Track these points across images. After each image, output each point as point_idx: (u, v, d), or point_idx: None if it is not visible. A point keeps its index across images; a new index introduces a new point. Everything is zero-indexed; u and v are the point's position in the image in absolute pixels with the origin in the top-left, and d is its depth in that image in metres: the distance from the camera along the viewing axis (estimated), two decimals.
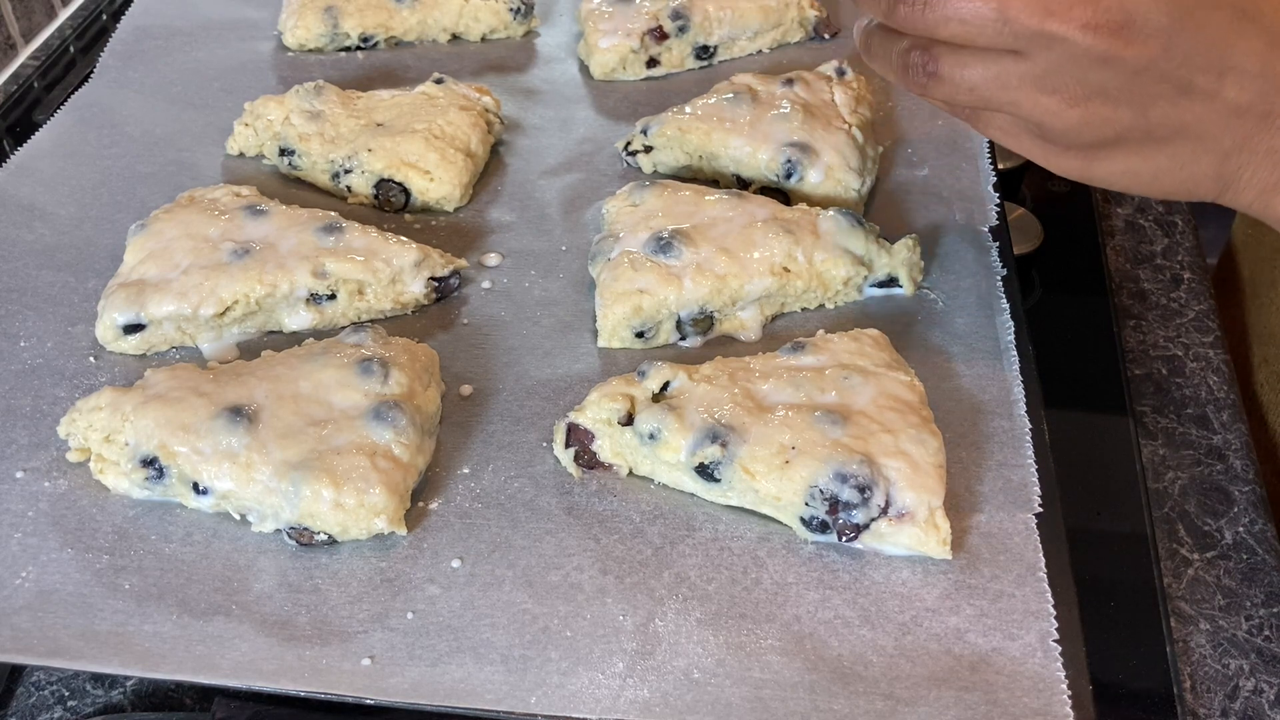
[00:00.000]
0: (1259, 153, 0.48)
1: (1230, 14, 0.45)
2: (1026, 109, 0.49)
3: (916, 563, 0.57)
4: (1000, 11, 0.45)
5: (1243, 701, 0.57)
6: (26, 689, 0.57)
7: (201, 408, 0.59)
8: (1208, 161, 0.49)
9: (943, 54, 0.48)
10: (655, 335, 0.69)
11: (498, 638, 0.54)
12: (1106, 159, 0.50)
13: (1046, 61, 0.46)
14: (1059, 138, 0.50)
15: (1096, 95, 0.47)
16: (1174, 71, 0.46)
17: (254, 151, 0.84)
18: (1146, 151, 0.49)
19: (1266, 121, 0.47)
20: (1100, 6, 0.45)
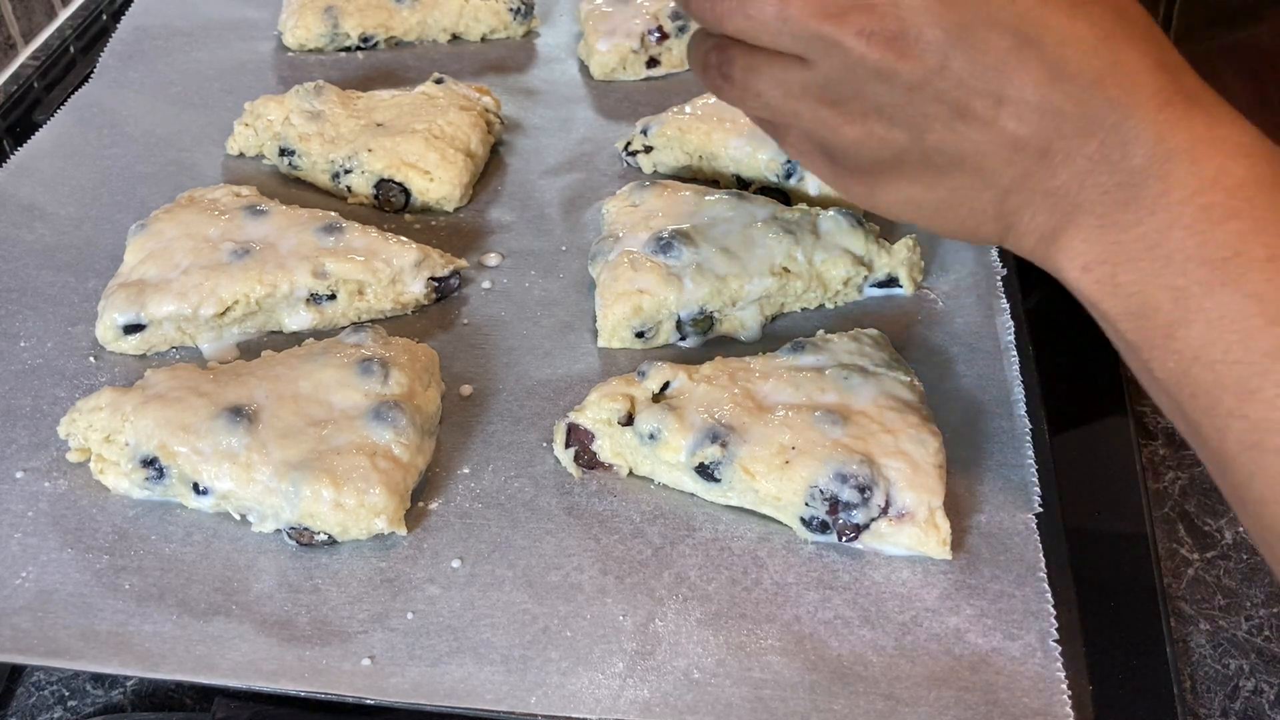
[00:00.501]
0: (1037, 193, 0.45)
1: (1012, 39, 0.42)
2: (808, 121, 0.47)
3: (916, 563, 0.57)
4: (780, 9, 0.44)
5: (1243, 701, 0.57)
6: (26, 689, 0.57)
7: (201, 408, 0.59)
8: (987, 198, 0.46)
9: (737, 56, 0.47)
10: (655, 335, 0.70)
11: (498, 638, 0.54)
12: (890, 186, 0.47)
13: (828, 70, 0.44)
14: (841, 157, 0.48)
15: (873, 112, 0.45)
16: (950, 92, 0.43)
17: (254, 151, 0.84)
18: (927, 180, 0.46)
19: (1044, 159, 0.44)
20: (876, 14, 0.42)
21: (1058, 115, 0.43)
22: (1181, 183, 0.42)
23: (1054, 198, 0.44)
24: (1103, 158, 0.43)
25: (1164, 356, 0.43)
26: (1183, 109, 0.42)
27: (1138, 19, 0.44)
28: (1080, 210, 0.44)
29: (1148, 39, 0.43)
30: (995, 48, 0.42)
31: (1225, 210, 0.41)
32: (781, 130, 0.49)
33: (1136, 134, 0.42)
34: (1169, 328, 0.42)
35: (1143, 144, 0.42)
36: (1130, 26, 0.43)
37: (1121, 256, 0.43)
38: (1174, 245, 0.42)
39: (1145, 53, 0.43)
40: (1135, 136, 0.42)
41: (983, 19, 0.42)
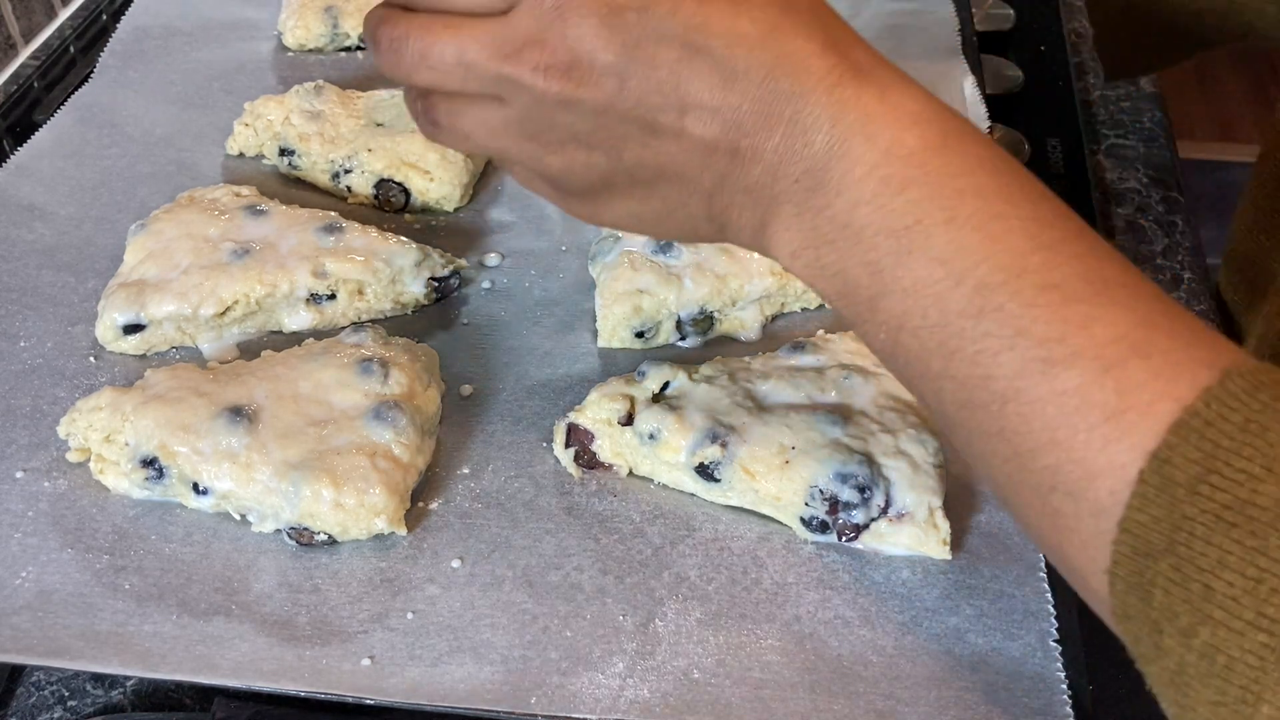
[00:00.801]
0: (738, 191, 0.45)
1: (680, 49, 0.43)
2: (515, 155, 0.48)
3: (916, 563, 0.57)
4: (459, 55, 0.44)
5: None
6: (26, 689, 0.57)
7: (201, 408, 0.59)
8: (696, 203, 0.47)
9: (438, 102, 0.47)
10: (655, 335, 0.70)
11: (498, 638, 0.54)
12: (608, 204, 0.48)
13: (520, 107, 0.45)
14: (557, 183, 0.48)
15: (570, 140, 0.46)
16: (634, 110, 0.44)
17: (254, 151, 0.84)
18: (639, 194, 0.47)
19: (737, 159, 0.44)
20: (548, 49, 0.43)
21: (737, 115, 0.43)
22: (860, 159, 0.43)
23: (753, 193, 0.45)
24: (787, 148, 0.44)
25: (874, 329, 0.44)
26: (853, 87, 0.43)
27: (801, 3, 0.45)
28: (778, 201, 0.45)
29: (813, 23, 0.44)
30: (666, 60, 0.43)
31: (901, 180, 0.42)
32: (502, 161, 0.50)
33: (813, 120, 0.43)
34: (871, 301, 0.43)
35: (820, 129, 0.43)
36: (794, 13, 0.44)
37: (820, 239, 0.44)
38: (862, 221, 0.43)
39: (810, 38, 0.43)
40: (812, 123, 0.43)
41: (649, 35, 0.43)
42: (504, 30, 0.44)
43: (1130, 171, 0.91)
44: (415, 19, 0.46)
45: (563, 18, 0.43)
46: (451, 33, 0.45)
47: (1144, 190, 0.89)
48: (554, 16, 0.43)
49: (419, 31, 0.45)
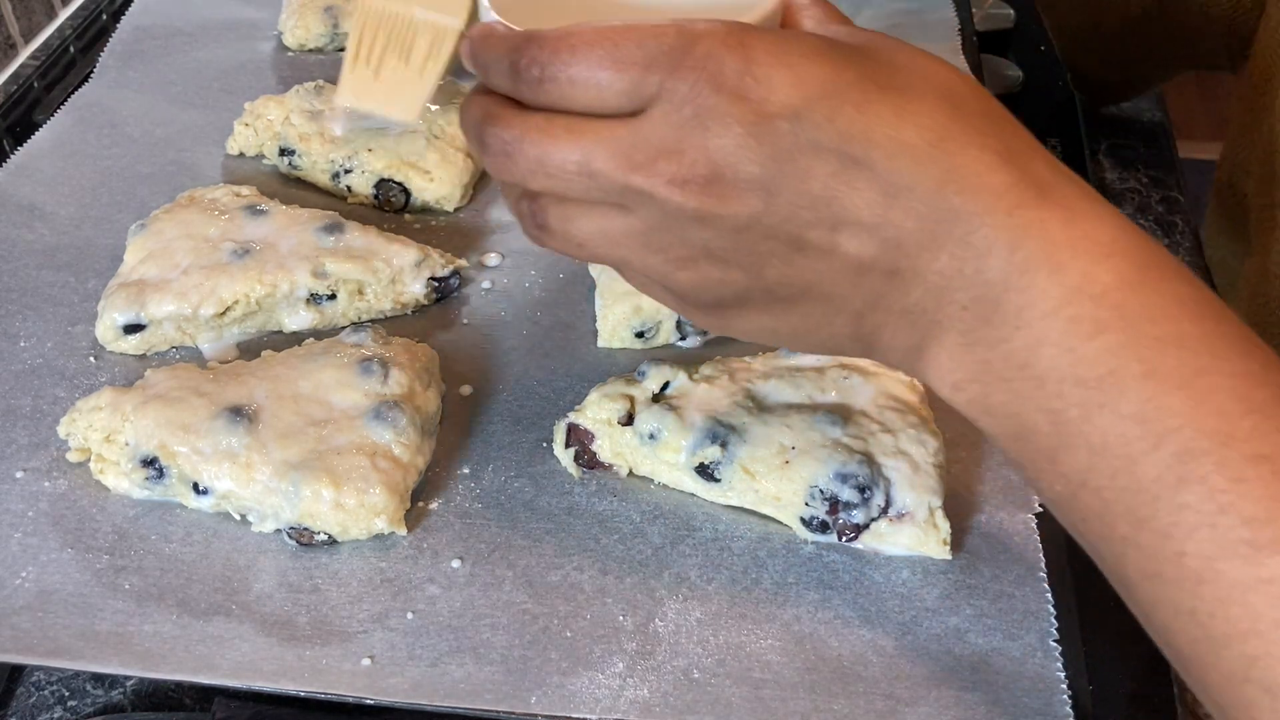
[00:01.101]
0: (892, 312, 0.41)
1: (837, 161, 0.38)
2: (637, 266, 0.43)
3: (916, 563, 0.57)
4: (583, 165, 0.40)
5: None
6: (26, 689, 0.57)
7: (201, 408, 0.59)
8: (842, 321, 0.42)
9: (549, 205, 0.43)
10: (655, 335, 0.70)
11: (498, 638, 0.54)
12: (739, 318, 0.44)
13: (647, 219, 0.41)
14: (683, 296, 0.44)
15: (703, 256, 0.41)
16: (780, 227, 0.40)
17: (254, 151, 0.84)
18: (777, 310, 0.43)
19: (894, 279, 0.40)
20: (685, 160, 0.39)
21: (899, 234, 0.39)
22: (1044, 294, 0.39)
23: (911, 316, 0.41)
24: (955, 272, 0.40)
25: (1050, 480, 0.41)
26: (1035, 209, 0.39)
27: (973, 105, 0.41)
28: (940, 327, 0.41)
29: (987, 129, 0.40)
30: (820, 174, 0.39)
31: (1094, 323, 0.38)
32: (618, 269, 0.45)
33: (987, 244, 0.39)
34: (1051, 452, 0.40)
35: (996, 254, 0.39)
36: (965, 118, 0.40)
37: (991, 376, 0.40)
38: (1045, 365, 0.39)
39: (985, 147, 0.39)
40: (987, 247, 0.39)
41: (803, 146, 0.39)
42: (634, 137, 0.40)
43: (1130, 171, 0.91)
44: (530, 120, 0.41)
45: (703, 126, 0.39)
46: (574, 138, 0.40)
47: (1144, 190, 0.89)
48: (693, 124, 0.39)
49: (536, 135, 0.41)
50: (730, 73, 0.38)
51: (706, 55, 0.38)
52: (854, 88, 0.39)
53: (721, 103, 0.38)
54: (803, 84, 0.38)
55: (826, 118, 0.38)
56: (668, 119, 0.39)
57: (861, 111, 0.39)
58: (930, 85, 0.40)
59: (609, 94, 0.39)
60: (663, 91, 0.39)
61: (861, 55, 0.40)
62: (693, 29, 0.39)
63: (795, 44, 0.39)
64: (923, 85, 0.40)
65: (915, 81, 0.40)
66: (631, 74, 0.39)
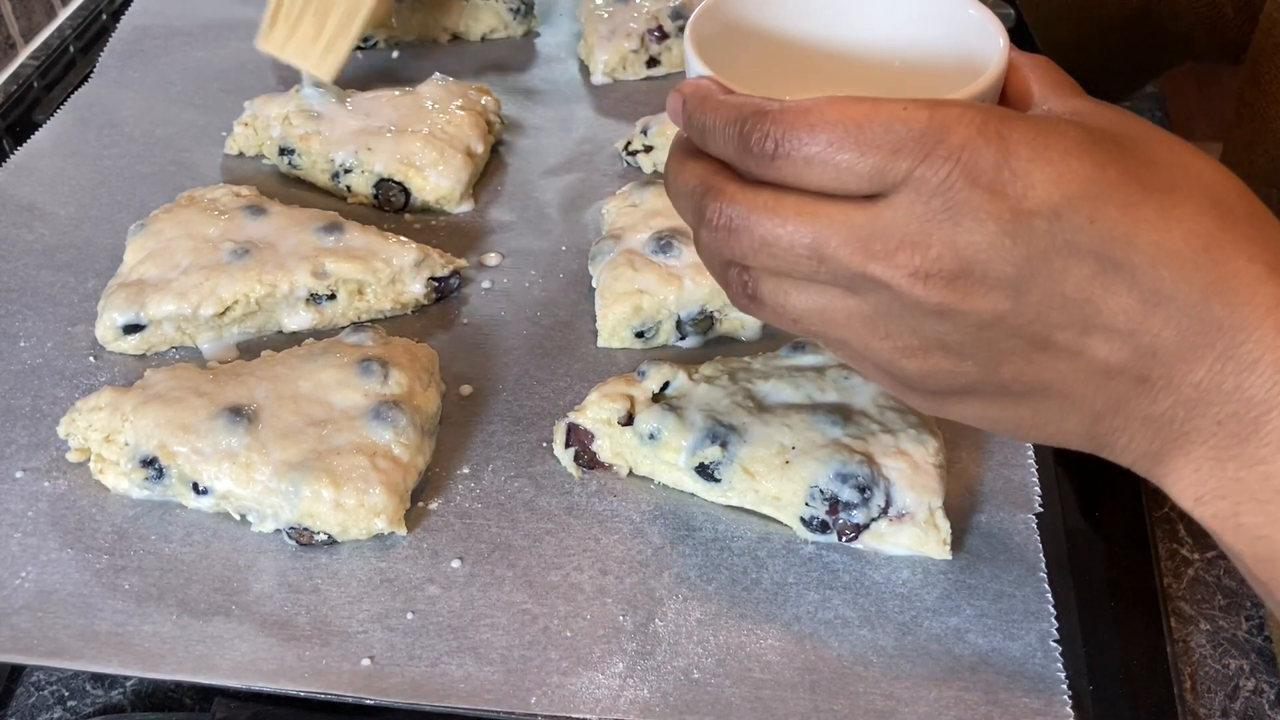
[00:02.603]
0: (1135, 418, 0.40)
1: (1095, 264, 0.37)
2: (859, 349, 0.41)
3: (916, 563, 0.57)
4: (816, 249, 0.38)
5: (1243, 701, 0.57)
6: (26, 689, 0.57)
7: (201, 408, 0.59)
8: (1076, 421, 0.41)
9: (764, 278, 0.41)
10: (655, 335, 0.70)
11: (498, 638, 0.54)
12: (961, 405, 0.42)
13: (876, 304, 0.39)
14: (906, 383, 0.42)
15: (936, 348, 0.40)
16: (1026, 328, 0.38)
17: (254, 151, 0.84)
18: (1004, 403, 0.41)
19: (1143, 387, 0.39)
20: (931, 254, 0.37)
21: (1155, 342, 0.38)
22: None
23: (1156, 424, 0.40)
24: (1213, 386, 0.38)
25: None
26: None
27: (1240, 210, 0.39)
28: (1189, 438, 0.39)
29: (1255, 237, 0.38)
30: (1076, 276, 0.37)
31: None
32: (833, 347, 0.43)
33: (1252, 360, 0.37)
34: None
35: (1260, 371, 0.37)
36: (1233, 225, 0.38)
37: (1244, 495, 0.39)
38: None
39: (1254, 257, 0.37)
40: (1251, 363, 0.37)
41: (1060, 246, 0.37)
42: (874, 225, 0.38)
43: None
44: (757, 197, 0.39)
45: (954, 220, 0.37)
46: (806, 220, 0.39)
47: None
48: (944, 217, 0.37)
49: (764, 213, 0.39)
50: (987, 165, 0.36)
51: (962, 145, 0.37)
52: (1118, 188, 0.37)
53: (975, 197, 0.37)
54: (1063, 181, 0.37)
55: (1089, 219, 0.37)
56: (913, 209, 0.37)
57: (1125, 214, 0.37)
58: (1196, 186, 0.38)
59: (849, 176, 0.38)
60: (910, 180, 0.37)
61: (1122, 149, 0.38)
62: (945, 114, 0.37)
63: (1056, 137, 0.37)
64: (1188, 185, 0.38)
65: (1180, 181, 0.38)
66: (876, 159, 0.37)
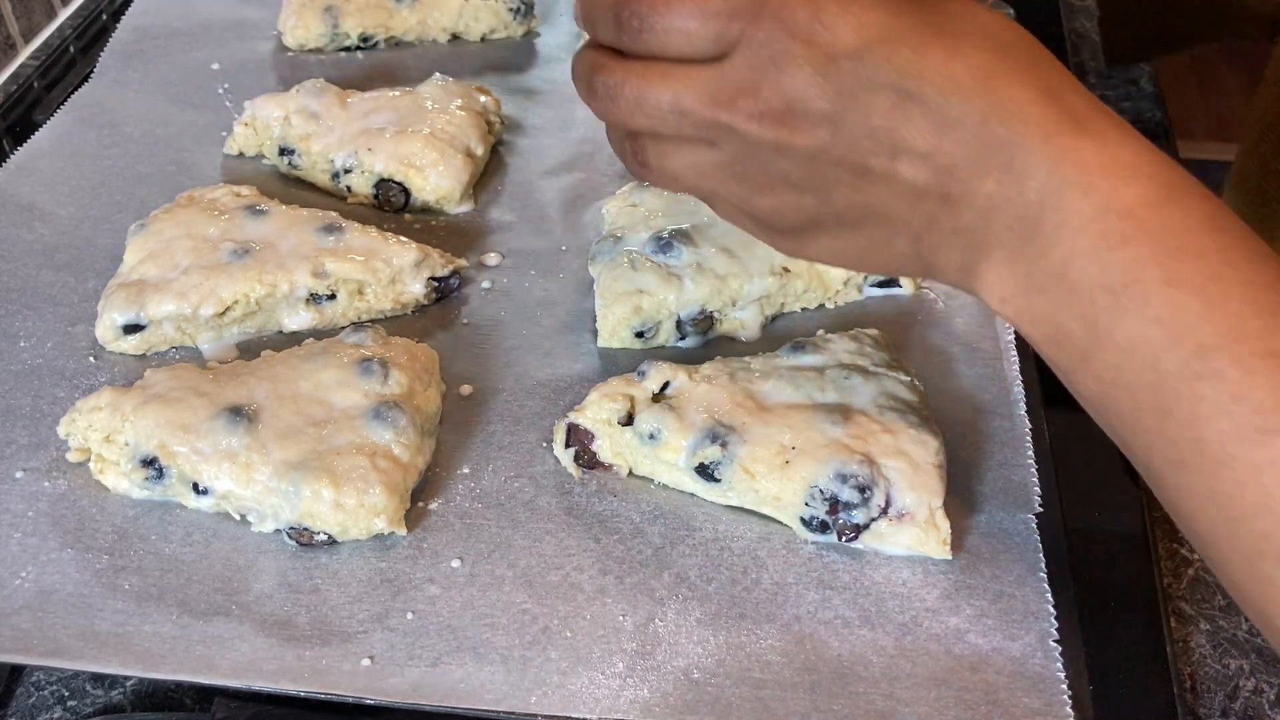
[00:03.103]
0: (947, 233, 0.46)
1: (894, 96, 0.43)
2: (725, 195, 0.49)
3: (916, 563, 0.57)
4: (676, 104, 0.46)
5: (1243, 701, 0.57)
6: (26, 689, 0.57)
7: (201, 408, 0.59)
8: (902, 242, 0.48)
9: (648, 144, 0.48)
10: (655, 335, 0.70)
11: (498, 638, 0.54)
12: (813, 241, 0.49)
13: (732, 151, 0.47)
14: (764, 221, 0.50)
15: (780, 184, 0.47)
16: (846, 156, 0.45)
17: (254, 151, 0.84)
18: (845, 234, 0.48)
19: (948, 203, 0.45)
20: (761, 96, 0.44)
21: (950, 161, 0.44)
22: (1076, 211, 0.43)
23: (963, 236, 0.46)
24: (1001, 195, 0.44)
25: (1084, 379, 0.45)
26: (1070, 136, 0.43)
27: (1018, 48, 0.45)
28: (989, 246, 0.46)
29: (1028, 68, 0.44)
30: (880, 108, 0.44)
31: (1120, 236, 0.42)
32: (708, 199, 0.51)
33: (1028, 169, 0.43)
34: (1084, 353, 0.44)
35: (1035, 177, 0.43)
36: (1010, 59, 0.44)
37: (1032, 287, 0.45)
38: (1077, 275, 0.43)
39: (1027, 84, 0.44)
40: (1027, 171, 0.43)
41: (863, 83, 0.43)
42: (718, 78, 0.45)
43: None
44: (631, 66, 0.46)
45: (778, 66, 0.44)
46: (667, 80, 0.46)
47: None
48: (769, 65, 0.44)
49: (635, 79, 0.46)
50: (802, 20, 0.43)
51: (781, 5, 0.43)
52: (911, 33, 0.43)
53: (794, 47, 0.43)
54: (864, 30, 0.43)
55: (885, 58, 0.43)
56: (747, 62, 0.44)
57: (917, 53, 0.43)
58: (980, 31, 0.44)
59: (698, 41, 0.45)
60: (743, 38, 0.44)
61: (918, 4, 0.45)
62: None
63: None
64: (973, 31, 0.44)
65: (966, 29, 0.44)
66: (717, 24, 0.44)
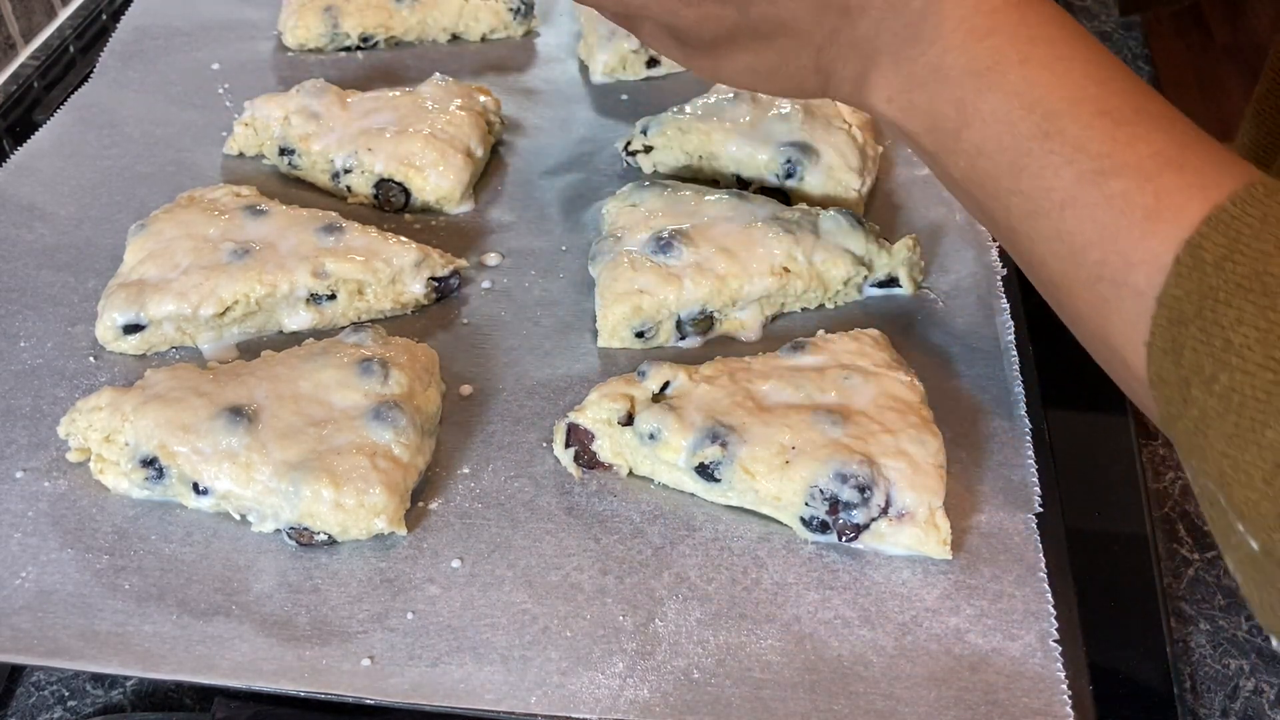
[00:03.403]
0: (845, 45, 0.53)
1: None
2: (655, 11, 0.56)
3: (916, 563, 0.57)
4: None
5: (1243, 701, 0.57)
6: (26, 689, 0.57)
7: (201, 408, 0.59)
8: (806, 55, 0.55)
9: None
10: (655, 335, 0.70)
11: (498, 638, 0.54)
12: (729, 58, 0.57)
13: None
14: (686, 38, 0.57)
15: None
16: None
17: (254, 151, 0.84)
18: (757, 48, 0.55)
19: (846, 15, 0.52)
20: None
21: None
22: (950, 14, 0.51)
23: (858, 47, 0.53)
24: (889, 6, 0.52)
25: (955, 157, 0.52)
26: None
27: None
28: (879, 53, 0.53)
29: None
30: None
31: (985, 30, 0.50)
32: (636, 24, 0.59)
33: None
34: (955, 132, 0.51)
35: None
36: None
37: (913, 83, 0.52)
38: (949, 65, 0.51)
39: None
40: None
41: None
42: None
43: None
44: None
45: None
46: None
47: None
48: None
49: None
50: None
51: None
52: None
53: None
54: None
55: None
56: None
57: None
58: None
59: None
60: None
61: None
62: None
63: None
64: None
65: None
66: None
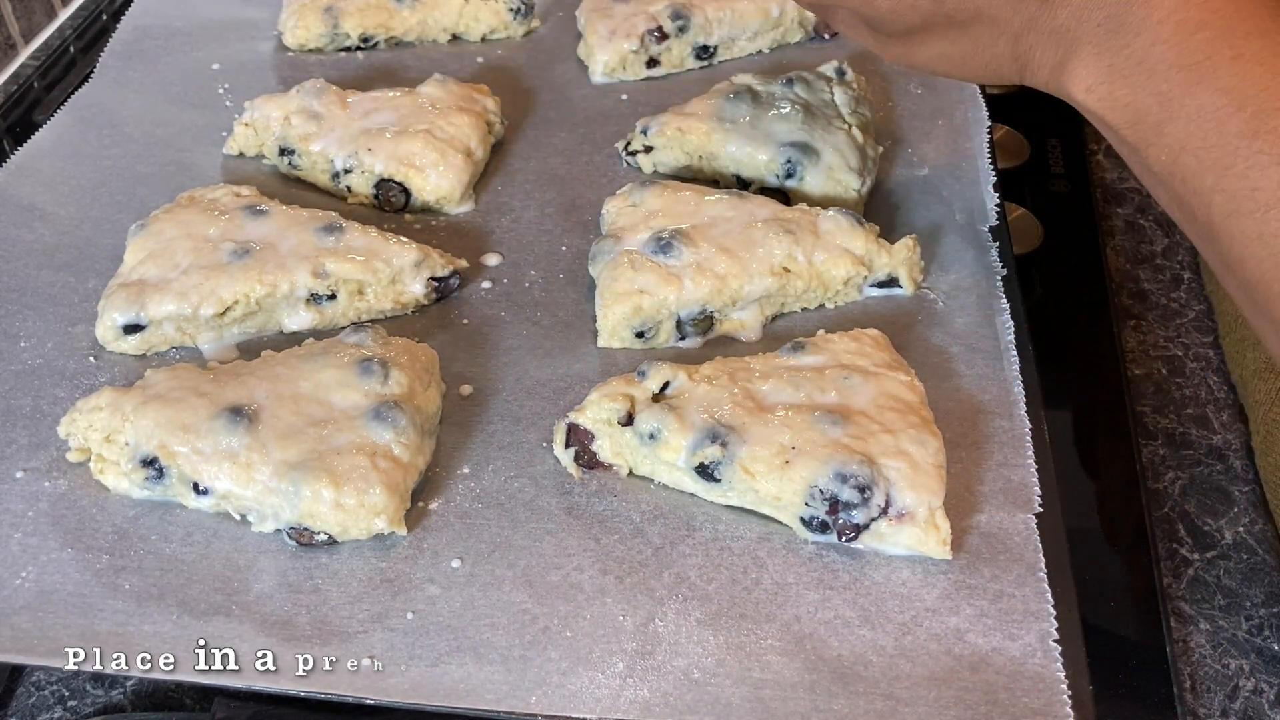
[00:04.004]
0: (1044, 33, 0.54)
1: None
2: (852, 2, 0.58)
3: (916, 563, 0.57)
4: None
5: (1243, 701, 0.57)
6: (26, 689, 0.57)
7: (201, 408, 0.59)
8: (1003, 43, 0.56)
9: None
10: (655, 335, 0.70)
11: (498, 638, 0.54)
12: (923, 45, 0.58)
13: None
14: (881, 26, 0.58)
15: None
16: None
17: (254, 151, 0.84)
18: (952, 35, 0.57)
19: (1047, 4, 0.53)
20: None
21: None
22: (1159, 5, 0.50)
23: (1058, 35, 0.54)
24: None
25: (1157, 152, 0.51)
26: None
27: None
28: (1080, 42, 0.53)
29: None
30: None
31: (1196, 23, 0.49)
32: (830, 12, 0.62)
33: None
34: (1158, 126, 0.50)
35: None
36: None
37: (1116, 76, 0.52)
38: (1156, 58, 0.50)
39: None
40: None
41: None
42: None
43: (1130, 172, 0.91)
44: None
45: None
46: None
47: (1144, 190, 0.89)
48: None
49: None
50: None
51: None
52: None
53: None
54: None
55: None
56: None
57: None
58: None
59: None
60: None
61: None
62: None
63: None
64: None
65: None
66: None
